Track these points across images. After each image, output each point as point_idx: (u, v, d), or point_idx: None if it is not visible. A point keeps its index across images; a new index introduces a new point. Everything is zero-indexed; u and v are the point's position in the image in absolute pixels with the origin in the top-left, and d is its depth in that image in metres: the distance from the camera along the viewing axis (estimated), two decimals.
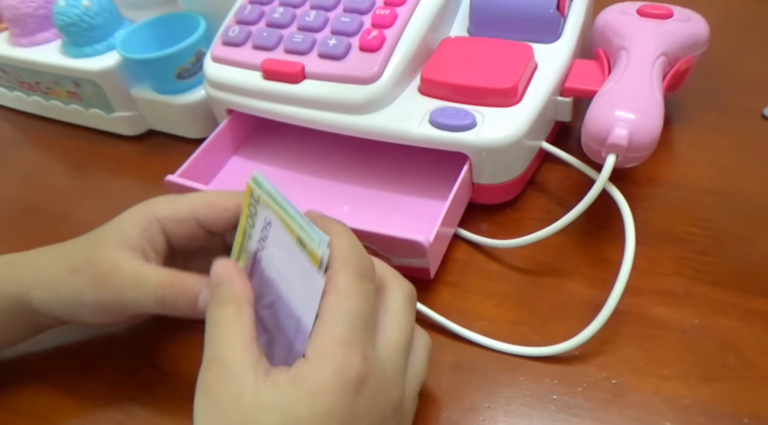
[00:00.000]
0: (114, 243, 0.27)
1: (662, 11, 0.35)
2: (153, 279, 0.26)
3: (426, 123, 0.33)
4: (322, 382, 0.20)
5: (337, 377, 0.20)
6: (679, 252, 0.32)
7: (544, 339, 0.29)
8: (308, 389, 0.20)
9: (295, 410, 0.20)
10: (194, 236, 0.28)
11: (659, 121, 0.30)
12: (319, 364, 0.21)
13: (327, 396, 0.20)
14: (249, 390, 0.21)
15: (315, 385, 0.20)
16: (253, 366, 0.21)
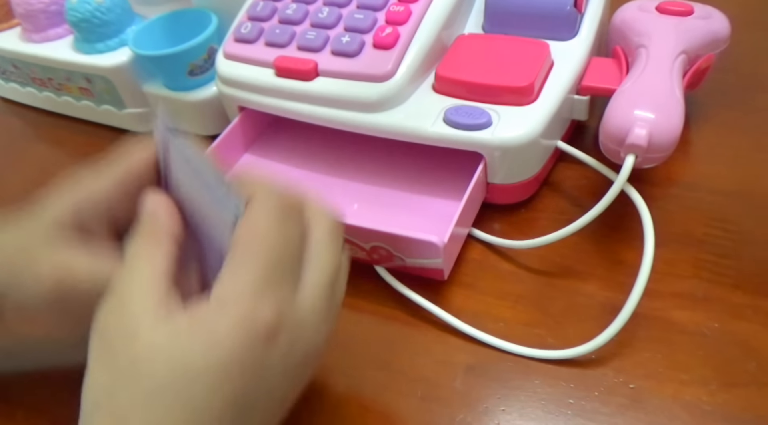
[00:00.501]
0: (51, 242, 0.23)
1: (682, 8, 0.34)
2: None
3: (440, 121, 0.32)
4: (220, 333, 0.18)
5: (239, 329, 0.18)
6: (697, 255, 0.31)
7: (560, 341, 0.29)
8: (205, 338, 0.18)
9: (189, 360, 0.18)
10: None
11: (680, 120, 0.29)
12: (220, 311, 0.18)
13: (225, 349, 0.18)
14: (144, 330, 0.18)
15: (212, 335, 0.18)
16: (155, 303, 0.19)
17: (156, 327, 0.18)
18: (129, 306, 0.19)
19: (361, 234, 0.31)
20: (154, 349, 0.18)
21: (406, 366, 0.29)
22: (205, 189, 0.22)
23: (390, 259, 0.31)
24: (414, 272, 0.31)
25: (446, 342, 0.30)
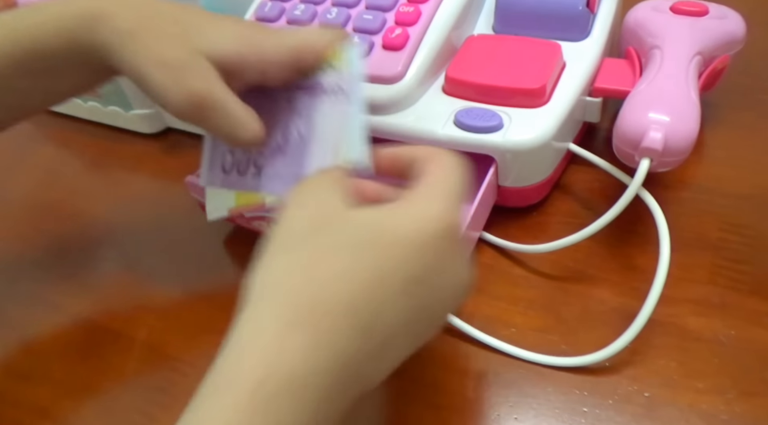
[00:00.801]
0: (209, 44, 0.25)
1: (697, 8, 0.33)
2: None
3: (451, 124, 0.32)
4: (431, 213, 0.21)
5: (442, 218, 0.21)
6: (712, 260, 0.31)
7: (573, 348, 0.28)
8: (415, 216, 0.21)
9: (393, 228, 0.21)
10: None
11: (695, 123, 0.28)
12: (429, 199, 0.22)
13: (429, 228, 0.21)
14: (343, 211, 0.21)
15: (424, 213, 0.21)
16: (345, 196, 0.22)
17: (356, 209, 0.21)
18: (324, 200, 0.22)
19: None
20: (359, 217, 0.21)
21: (416, 373, 0.29)
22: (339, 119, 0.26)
23: None
24: None
25: (458, 348, 0.29)
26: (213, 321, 0.33)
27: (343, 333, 0.19)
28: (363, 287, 0.20)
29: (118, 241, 0.39)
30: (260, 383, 0.18)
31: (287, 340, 0.19)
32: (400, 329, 0.21)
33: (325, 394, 0.19)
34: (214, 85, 0.25)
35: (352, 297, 0.20)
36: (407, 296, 0.20)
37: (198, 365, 0.31)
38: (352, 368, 0.19)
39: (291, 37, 0.27)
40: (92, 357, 0.32)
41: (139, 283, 0.36)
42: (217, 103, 0.25)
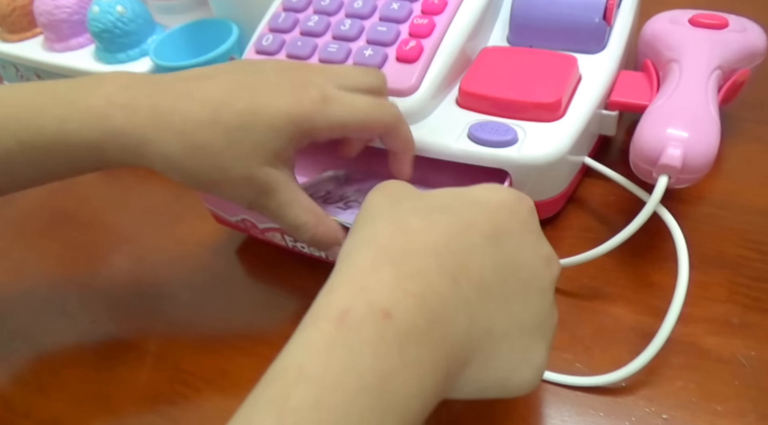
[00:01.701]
0: (270, 159, 0.26)
1: (717, 21, 0.33)
2: (304, 213, 0.27)
3: (465, 137, 0.32)
4: (499, 189, 0.23)
5: (511, 193, 0.23)
6: (731, 278, 0.30)
7: (589, 367, 0.28)
8: (485, 188, 0.23)
9: (469, 193, 0.23)
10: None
11: (716, 140, 0.28)
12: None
13: (500, 197, 0.23)
14: (414, 189, 0.24)
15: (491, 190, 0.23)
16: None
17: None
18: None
19: None
20: (433, 193, 0.23)
21: None
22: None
23: None
24: None
25: None
26: (225, 334, 0.33)
27: (428, 272, 0.19)
28: (448, 234, 0.21)
29: (130, 251, 0.39)
30: (344, 312, 0.18)
31: (372, 276, 0.19)
32: (490, 280, 0.21)
33: (412, 333, 0.18)
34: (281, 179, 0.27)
35: (437, 243, 0.20)
36: (491, 243, 0.21)
37: (210, 379, 0.31)
38: (441, 312, 0.19)
39: (360, 105, 0.27)
40: (104, 368, 0.32)
41: (151, 293, 0.36)
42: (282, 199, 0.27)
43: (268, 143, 0.25)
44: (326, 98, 0.26)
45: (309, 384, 0.17)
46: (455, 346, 0.19)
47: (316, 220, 0.28)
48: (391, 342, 0.18)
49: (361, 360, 0.17)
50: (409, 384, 0.18)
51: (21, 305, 0.37)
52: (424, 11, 0.34)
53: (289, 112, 0.25)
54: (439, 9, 0.34)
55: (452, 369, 0.19)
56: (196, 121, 0.25)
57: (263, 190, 0.26)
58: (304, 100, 0.26)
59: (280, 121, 0.25)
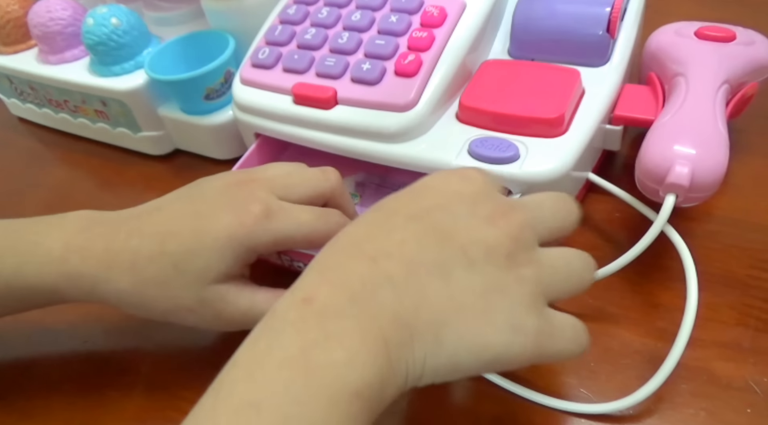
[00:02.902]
0: (220, 279, 0.26)
1: (723, 33, 0.32)
2: (266, 308, 0.26)
3: (465, 153, 0.31)
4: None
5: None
6: (741, 299, 0.29)
7: (594, 392, 0.27)
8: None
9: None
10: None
11: (724, 157, 0.27)
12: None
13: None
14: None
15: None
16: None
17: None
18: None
19: None
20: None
21: (426, 415, 0.27)
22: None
23: None
24: None
25: (470, 388, 0.28)
26: (219, 357, 0.32)
27: (348, 260, 0.22)
28: (370, 225, 0.23)
29: None
30: (273, 310, 0.21)
31: (301, 280, 0.22)
32: (416, 253, 0.21)
33: (331, 310, 0.20)
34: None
35: (358, 236, 0.23)
36: (415, 220, 0.22)
37: None
38: (361, 289, 0.20)
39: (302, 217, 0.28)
40: (94, 392, 0.31)
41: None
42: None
43: (213, 266, 0.26)
44: (269, 212, 0.26)
45: (240, 366, 0.20)
46: (386, 316, 0.20)
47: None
48: (311, 319, 0.20)
49: (283, 337, 0.20)
50: (337, 354, 0.19)
51: (10, 325, 0.36)
52: (424, 24, 0.34)
53: (231, 232, 0.26)
54: (438, 22, 0.33)
55: (393, 340, 0.20)
56: (145, 256, 0.26)
57: (219, 309, 0.27)
58: (246, 218, 0.26)
59: (223, 242, 0.26)
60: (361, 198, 0.36)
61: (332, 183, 0.29)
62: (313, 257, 0.30)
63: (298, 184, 0.28)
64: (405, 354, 0.20)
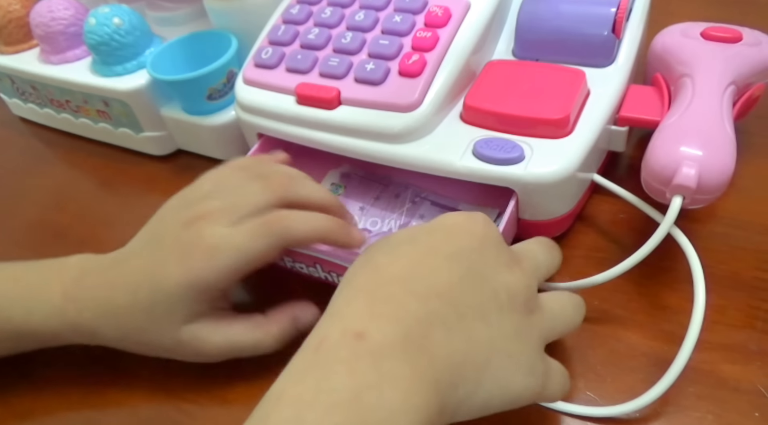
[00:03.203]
0: (190, 320, 0.28)
1: (730, 34, 0.32)
2: (249, 335, 0.28)
3: (469, 154, 0.31)
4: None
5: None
6: (748, 301, 0.29)
7: (600, 396, 0.27)
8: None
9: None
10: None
11: (731, 159, 0.27)
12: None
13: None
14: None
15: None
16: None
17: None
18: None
19: None
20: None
21: None
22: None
23: None
24: None
25: None
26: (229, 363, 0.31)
27: (398, 296, 0.21)
28: (411, 261, 0.22)
29: None
30: (321, 340, 0.20)
31: (347, 308, 0.21)
32: (460, 294, 0.22)
33: (386, 349, 0.19)
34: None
35: (403, 270, 0.22)
36: (454, 261, 0.22)
37: (205, 404, 0.29)
38: (416, 328, 0.20)
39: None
40: (95, 393, 0.31)
41: None
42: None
43: (178, 311, 0.27)
44: (213, 250, 0.27)
45: (287, 403, 0.18)
46: (439, 358, 0.20)
47: (263, 331, 0.29)
48: (365, 358, 0.19)
49: (335, 378, 0.19)
50: (391, 396, 0.18)
51: None
52: (428, 24, 0.33)
53: (181, 281, 0.27)
54: (442, 22, 0.33)
55: (443, 382, 0.20)
56: (123, 307, 0.28)
57: (197, 347, 0.28)
58: (193, 264, 0.27)
59: (178, 292, 0.27)
60: (346, 189, 0.37)
61: (277, 193, 0.29)
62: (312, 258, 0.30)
63: (243, 205, 0.28)
64: (451, 395, 0.20)
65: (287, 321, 0.29)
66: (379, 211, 0.35)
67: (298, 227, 0.28)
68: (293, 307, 0.30)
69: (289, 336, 0.29)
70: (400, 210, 0.35)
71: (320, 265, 0.31)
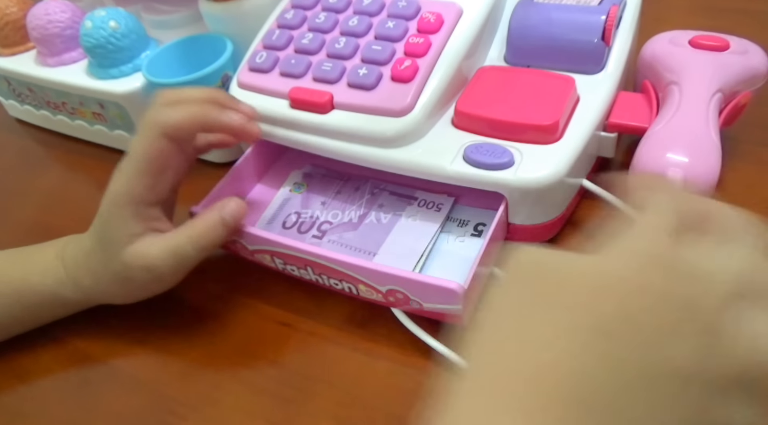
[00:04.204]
0: (130, 241, 0.30)
1: (717, 42, 0.32)
2: (178, 241, 0.30)
3: (460, 159, 0.31)
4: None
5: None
6: None
7: None
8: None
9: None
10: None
11: (717, 165, 0.27)
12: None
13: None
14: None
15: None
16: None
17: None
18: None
19: (377, 277, 0.29)
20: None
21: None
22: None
23: (407, 303, 0.30)
24: (432, 316, 0.30)
25: None
26: (213, 360, 0.32)
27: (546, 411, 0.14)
28: (582, 369, 0.14)
29: None
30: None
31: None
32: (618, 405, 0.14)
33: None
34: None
35: (578, 383, 0.14)
36: (604, 339, 0.14)
37: (197, 407, 0.30)
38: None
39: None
40: (88, 394, 0.31)
41: (139, 316, 0.35)
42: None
43: (119, 231, 0.30)
44: (120, 168, 0.31)
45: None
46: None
47: (192, 229, 0.31)
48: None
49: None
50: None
51: None
52: (420, 30, 0.34)
53: (107, 200, 0.31)
54: (435, 28, 0.34)
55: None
56: (89, 250, 0.32)
57: (143, 261, 0.30)
58: (112, 183, 0.31)
59: (113, 211, 0.30)
60: (308, 186, 0.38)
61: (163, 99, 0.32)
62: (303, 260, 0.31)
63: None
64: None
65: (213, 213, 0.31)
66: (340, 203, 0.36)
67: (173, 114, 0.30)
68: (216, 203, 0.32)
69: (219, 223, 0.31)
70: (359, 202, 0.36)
71: (311, 268, 0.31)
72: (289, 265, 0.32)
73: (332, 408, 0.29)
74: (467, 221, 0.34)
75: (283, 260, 0.32)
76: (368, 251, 0.33)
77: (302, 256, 0.31)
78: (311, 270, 0.31)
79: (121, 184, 0.30)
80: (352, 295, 0.31)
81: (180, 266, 0.31)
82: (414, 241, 0.33)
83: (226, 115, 0.31)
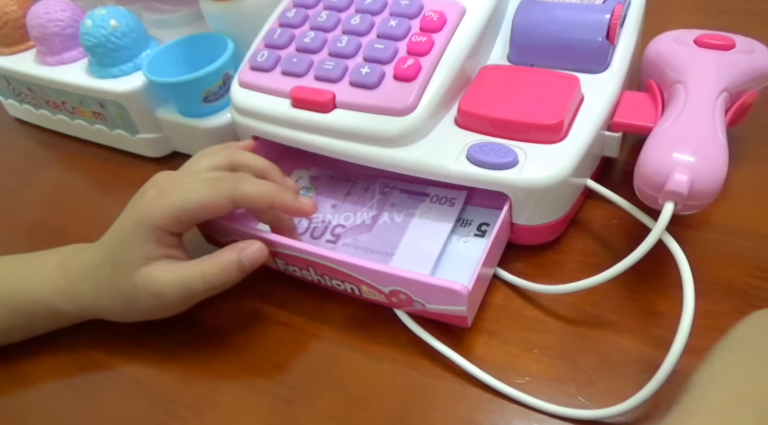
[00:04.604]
0: (143, 263, 0.29)
1: (723, 41, 0.32)
2: (191, 274, 0.29)
3: (463, 158, 0.31)
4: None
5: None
6: (739, 307, 0.29)
7: (592, 400, 0.27)
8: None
9: None
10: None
11: (723, 165, 0.27)
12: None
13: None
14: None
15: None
16: None
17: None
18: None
19: (380, 278, 0.29)
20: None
21: (419, 421, 0.27)
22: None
23: (410, 304, 0.30)
24: (435, 317, 0.30)
25: (468, 397, 0.28)
26: (214, 361, 0.31)
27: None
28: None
29: None
30: None
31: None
32: None
33: None
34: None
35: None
36: None
37: (197, 409, 0.29)
38: None
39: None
40: (85, 396, 0.31)
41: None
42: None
43: (133, 252, 0.29)
44: (163, 192, 0.30)
45: None
46: None
47: (209, 265, 0.30)
48: None
49: None
50: None
51: None
52: (423, 29, 0.34)
53: (134, 220, 0.30)
54: (438, 26, 0.33)
55: None
56: (96, 263, 0.31)
57: (152, 290, 0.29)
58: (143, 201, 0.30)
59: (132, 229, 0.30)
60: (317, 190, 0.37)
61: (226, 158, 0.32)
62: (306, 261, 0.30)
63: (199, 170, 0.32)
64: None
65: (232, 253, 0.30)
66: (351, 205, 0.36)
67: (247, 186, 0.30)
68: (238, 243, 0.31)
69: (235, 266, 0.30)
70: (370, 202, 0.36)
71: (313, 269, 0.31)
72: (290, 266, 0.32)
73: (334, 409, 0.28)
74: (471, 221, 0.34)
75: (285, 261, 0.32)
76: (385, 253, 0.33)
77: (304, 257, 0.31)
78: (313, 271, 0.31)
79: (154, 207, 0.29)
80: (355, 296, 0.31)
81: (187, 299, 0.30)
82: (429, 241, 0.32)
83: (299, 202, 0.31)
